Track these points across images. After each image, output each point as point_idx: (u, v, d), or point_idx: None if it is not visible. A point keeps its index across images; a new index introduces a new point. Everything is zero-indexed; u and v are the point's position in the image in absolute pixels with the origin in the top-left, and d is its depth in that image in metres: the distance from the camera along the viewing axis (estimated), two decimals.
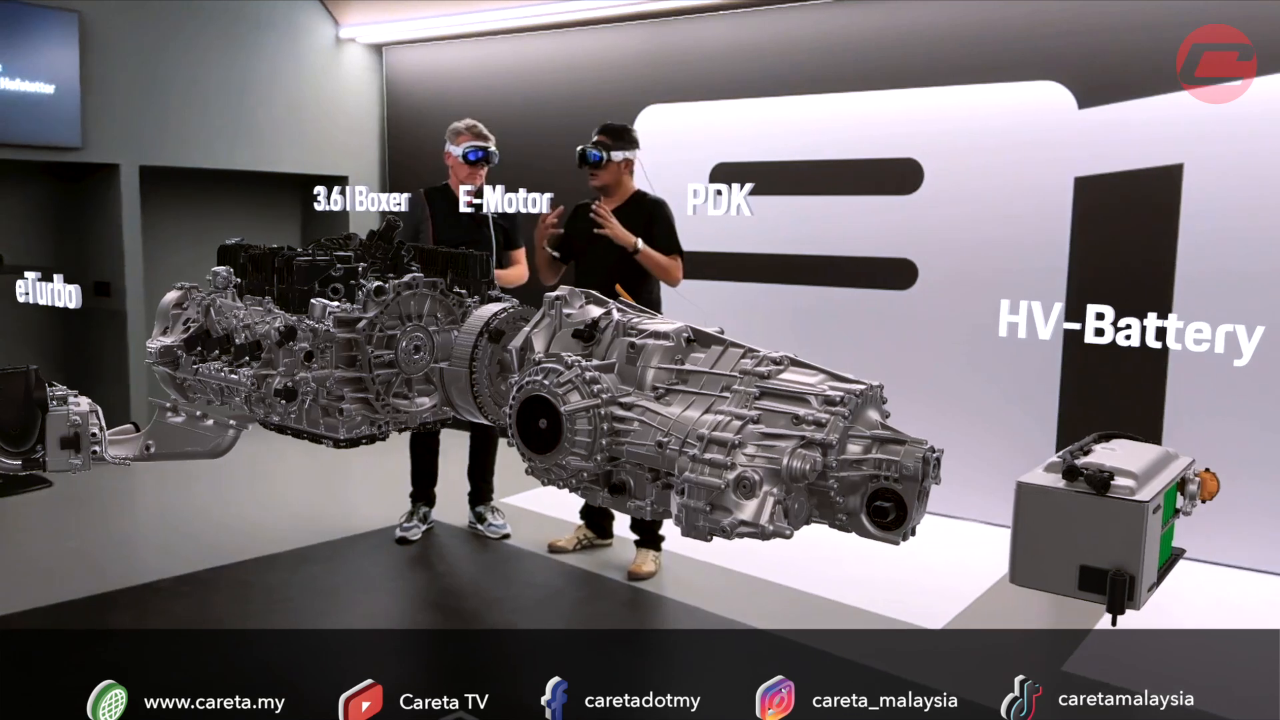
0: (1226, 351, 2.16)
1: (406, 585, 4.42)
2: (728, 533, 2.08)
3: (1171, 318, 4.40)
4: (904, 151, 5.34)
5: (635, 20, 6.23)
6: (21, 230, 6.13)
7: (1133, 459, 1.83)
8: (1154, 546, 1.76)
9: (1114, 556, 1.72)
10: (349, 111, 7.33)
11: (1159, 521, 1.77)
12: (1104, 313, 2.12)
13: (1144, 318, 2.65)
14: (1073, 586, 1.76)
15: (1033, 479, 1.81)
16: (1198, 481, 1.96)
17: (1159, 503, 1.76)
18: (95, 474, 5.61)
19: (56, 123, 5.70)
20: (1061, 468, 1.77)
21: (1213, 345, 2.18)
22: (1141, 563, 1.70)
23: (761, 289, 5.81)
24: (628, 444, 2.23)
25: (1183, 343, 2.18)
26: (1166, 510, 1.87)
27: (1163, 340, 2.16)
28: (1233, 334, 2.16)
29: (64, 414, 2.30)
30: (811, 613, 4.02)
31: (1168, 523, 1.88)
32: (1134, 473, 1.75)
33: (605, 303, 2.56)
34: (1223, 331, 2.18)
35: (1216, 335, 2.19)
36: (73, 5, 5.73)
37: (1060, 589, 1.79)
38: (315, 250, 3.02)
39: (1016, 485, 1.81)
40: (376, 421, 2.86)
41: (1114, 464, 1.77)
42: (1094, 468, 1.75)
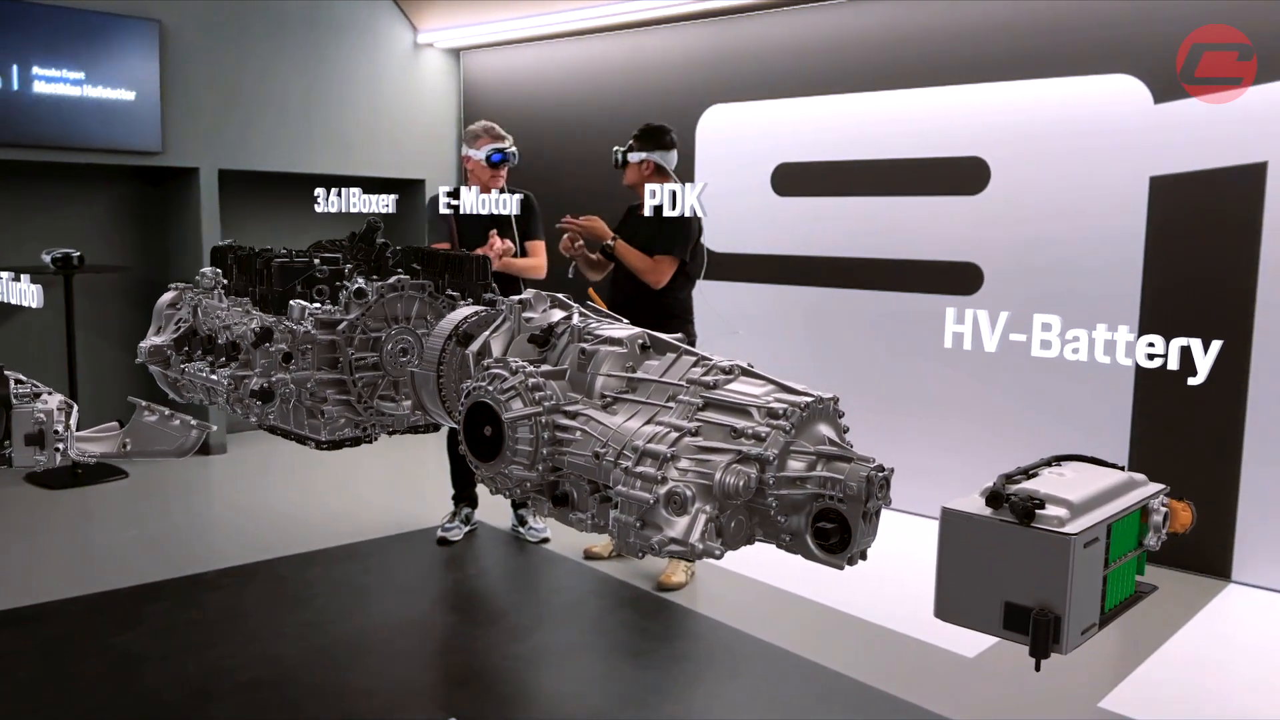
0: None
1: (433, 586, 4.43)
2: (656, 550, 1.97)
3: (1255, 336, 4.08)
4: (970, 150, 5.10)
5: (700, 19, 6.13)
6: (104, 232, 6.41)
7: (1076, 486, 1.64)
8: (1089, 584, 1.58)
9: (1039, 594, 1.54)
10: (426, 115, 7.44)
11: (1095, 556, 1.58)
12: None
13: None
14: (998, 625, 1.59)
15: (958, 504, 1.65)
16: (1164, 512, 1.76)
17: (1096, 535, 1.57)
18: (169, 467, 5.88)
19: (138, 128, 5.94)
20: (989, 493, 1.60)
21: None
22: (1067, 602, 1.52)
23: (819, 293, 5.63)
24: (568, 454, 2.14)
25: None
26: (1121, 544, 1.68)
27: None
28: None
29: (29, 411, 2.36)
30: (842, 634, 3.86)
31: (1122, 557, 1.69)
32: (1068, 501, 1.57)
33: (569, 307, 2.47)
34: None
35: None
36: (153, 14, 5.96)
37: (984, 627, 1.61)
38: (311, 252, 3.03)
39: (941, 511, 1.65)
40: (361, 424, 2.84)
41: (1049, 491, 1.59)
42: (1023, 494, 1.57)
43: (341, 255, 2.96)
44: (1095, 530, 1.58)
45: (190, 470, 6.09)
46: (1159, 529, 1.75)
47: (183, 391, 3.15)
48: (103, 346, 6.32)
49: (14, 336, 6.03)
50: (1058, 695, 3.40)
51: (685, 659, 3.70)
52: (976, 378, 4.98)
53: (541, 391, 2.18)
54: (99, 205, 6.41)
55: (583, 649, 3.82)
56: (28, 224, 6.02)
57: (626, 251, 4.20)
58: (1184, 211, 4.48)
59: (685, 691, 3.44)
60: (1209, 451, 4.48)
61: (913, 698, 3.35)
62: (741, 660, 3.69)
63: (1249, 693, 3.49)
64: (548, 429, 2.17)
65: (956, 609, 1.65)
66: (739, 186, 5.95)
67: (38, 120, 5.56)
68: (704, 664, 3.69)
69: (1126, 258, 4.60)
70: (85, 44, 5.68)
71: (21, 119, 5.50)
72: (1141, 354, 1.83)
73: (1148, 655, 3.71)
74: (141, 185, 6.56)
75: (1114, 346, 2.31)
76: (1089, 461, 1.82)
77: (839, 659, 3.61)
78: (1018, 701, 3.37)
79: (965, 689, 3.44)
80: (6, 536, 4.91)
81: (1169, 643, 3.82)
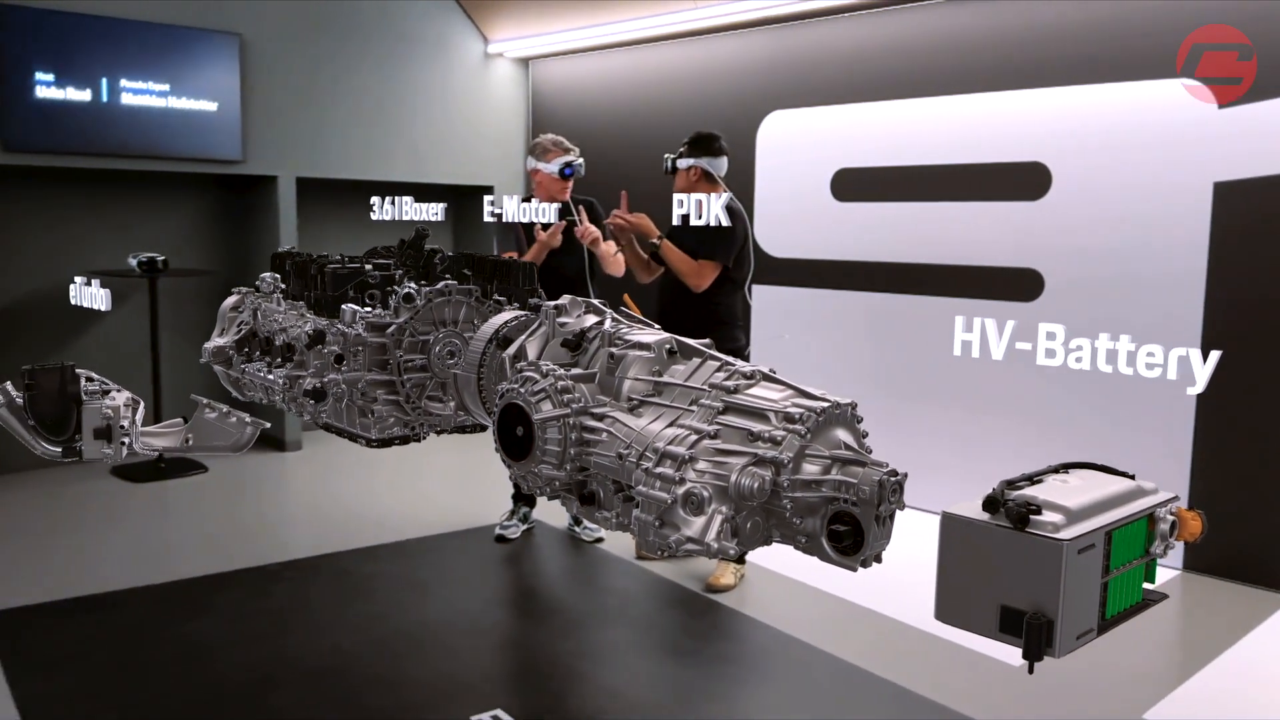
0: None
1: (489, 582, 4.55)
2: (673, 549, 2.04)
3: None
4: (1031, 155, 5.05)
5: (760, 26, 6.17)
6: (187, 237, 6.70)
7: (1077, 493, 1.66)
8: (1084, 590, 1.60)
9: (1032, 598, 1.57)
10: (495, 123, 7.61)
11: (1092, 563, 1.60)
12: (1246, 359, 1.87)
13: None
14: (994, 628, 1.62)
15: (957, 508, 1.68)
16: (1171, 521, 1.76)
17: (1092, 542, 1.59)
18: (246, 463, 6.13)
19: (220, 138, 6.21)
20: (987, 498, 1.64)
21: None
22: (1059, 607, 1.55)
23: (879, 298, 5.63)
24: (595, 454, 2.22)
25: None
26: (1124, 551, 1.69)
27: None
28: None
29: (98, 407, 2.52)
30: (891, 641, 3.87)
31: (1125, 565, 1.70)
32: (1065, 507, 1.59)
33: (602, 312, 2.56)
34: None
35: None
36: (234, 28, 6.23)
37: (982, 629, 1.65)
38: (367, 258, 3.17)
39: (941, 515, 1.68)
40: (409, 423, 2.97)
41: (1047, 497, 1.62)
42: (1020, 500, 1.61)
43: (392, 261, 3.09)
44: (1091, 537, 1.60)
45: (265, 466, 6.34)
46: (1166, 537, 1.76)
47: (244, 390, 3.32)
48: (184, 347, 6.59)
49: (103, 337, 6.34)
50: (1105, 704, 3.38)
51: (729, 659, 3.76)
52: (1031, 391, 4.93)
53: (570, 394, 2.27)
54: (183, 212, 6.70)
55: (630, 646, 3.89)
56: (116, 229, 6.33)
57: (671, 252, 4.26)
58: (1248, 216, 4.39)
59: (727, 690, 3.49)
60: (1272, 461, 4.37)
61: (958, 706, 3.36)
62: (785, 662, 3.73)
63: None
64: (575, 430, 2.25)
65: (955, 612, 1.69)
66: (799, 192, 5.98)
67: (126, 131, 5.85)
68: (747, 665, 3.74)
69: (1190, 261, 4.52)
70: (170, 58, 5.96)
71: (111, 130, 5.80)
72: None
73: (1200, 668, 3.65)
74: (223, 193, 6.84)
75: (1175, 361, 2.31)
76: (1098, 469, 1.83)
77: (886, 665, 3.63)
78: (1064, 710, 3.36)
79: (1012, 698, 3.42)
80: (91, 526, 5.19)
81: (1223, 656, 3.75)
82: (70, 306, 6.07)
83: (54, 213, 6.16)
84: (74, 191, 6.20)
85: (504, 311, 2.81)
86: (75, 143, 5.70)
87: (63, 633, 3.82)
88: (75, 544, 4.90)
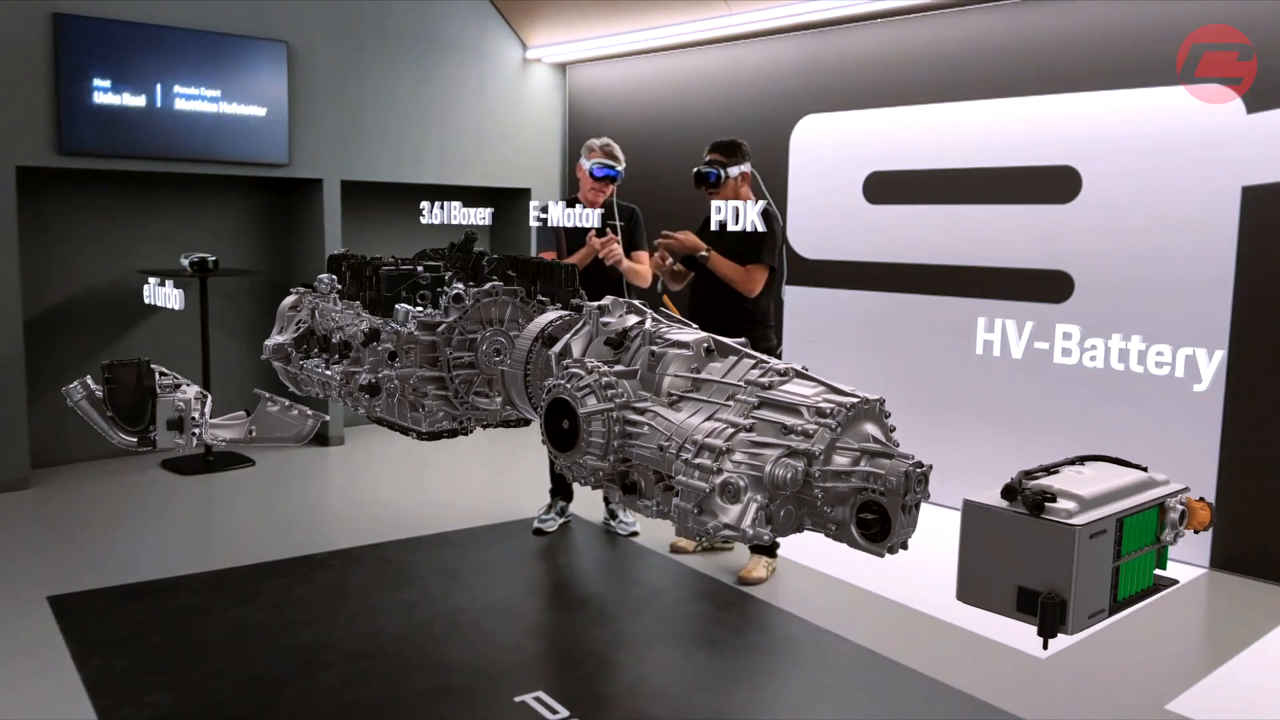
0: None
1: (526, 572, 4.69)
2: (711, 535, 2.17)
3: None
4: (1062, 159, 5.13)
5: (794, 32, 6.28)
6: (237, 238, 6.91)
7: (1091, 483, 1.77)
8: (1096, 572, 1.71)
9: (1047, 579, 1.68)
10: (533, 127, 7.77)
11: (1104, 547, 1.71)
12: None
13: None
14: (1011, 607, 1.73)
15: (979, 497, 1.79)
16: (1180, 510, 1.86)
17: (1104, 528, 1.70)
18: (291, 457, 6.33)
19: (268, 142, 6.40)
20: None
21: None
22: (1072, 587, 1.66)
23: (911, 300, 5.72)
24: (636, 446, 2.36)
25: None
26: (1135, 538, 1.80)
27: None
28: None
29: (170, 400, 2.68)
30: (918, 632, 3.97)
31: (1136, 551, 1.81)
32: (1079, 496, 1.70)
33: (643, 312, 2.69)
34: None
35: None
36: (282, 35, 6.42)
37: (1000, 609, 1.75)
38: (415, 261, 3.32)
39: (963, 503, 1.80)
40: (457, 417, 3.11)
41: (1063, 486, 1.73)
42: (1036, 489, 1.72)
43: (442, 263, 3.23)
44: (1103, 523, 1.71)
45: (309, 460, 6.52)
46: (1176, 526, 1.86)
47: (301, 385, 3.48)
48: (232, 344, 6.82)
49: (154, 333, 6.56)
50: (1126, 695, 3.46)
51: (757, 649, 3.87)
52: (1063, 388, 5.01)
53: (614, 389, 2.40)
54: (232, 213, 6.91)
55: (661, 635, 4.02)
56: (168, 230, 6.55)
57: (720, 262, 4.37)
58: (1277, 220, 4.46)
59: (754, 679, 3.61)
60: None
61: (981, 694, 3.46)
62: (814, 652, 3.84)
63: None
64: (618, 423, 2.39)
65: (976, 593, 1.80)
66: (832, 195, 6.08)
67: (178, 135, 6.06)
68: (776, 654, 3.85)
69: (1218, 264, 4.58)
70: (221, 65, 6.16)
71: (164, 134, 6.01)
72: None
73: (1223, 662, 3.73)
74: (270, 195, 7.05)
75: (1204, 362, 2.40)
76: (1112, 462, 1.94)
77: (912, 656, 3.73)
78: (1085, 699, 3.45)
79: (1035, 687, 3.52)
80: (143, 516, 5.39)
81: (1247, 650, 3.83)
82: (125, 303, 6.37)
83: (109, 214, 6.38)
84: (128, 194, 6.42)
85: (548, 311, 2.95)
86: (130, 147, 5.91)
87: (121, 615, 4.00)
88: (129, 533, 5.10)
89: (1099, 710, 3.39)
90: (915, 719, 3.39)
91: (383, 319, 3.09)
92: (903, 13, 5.72)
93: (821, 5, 5.84)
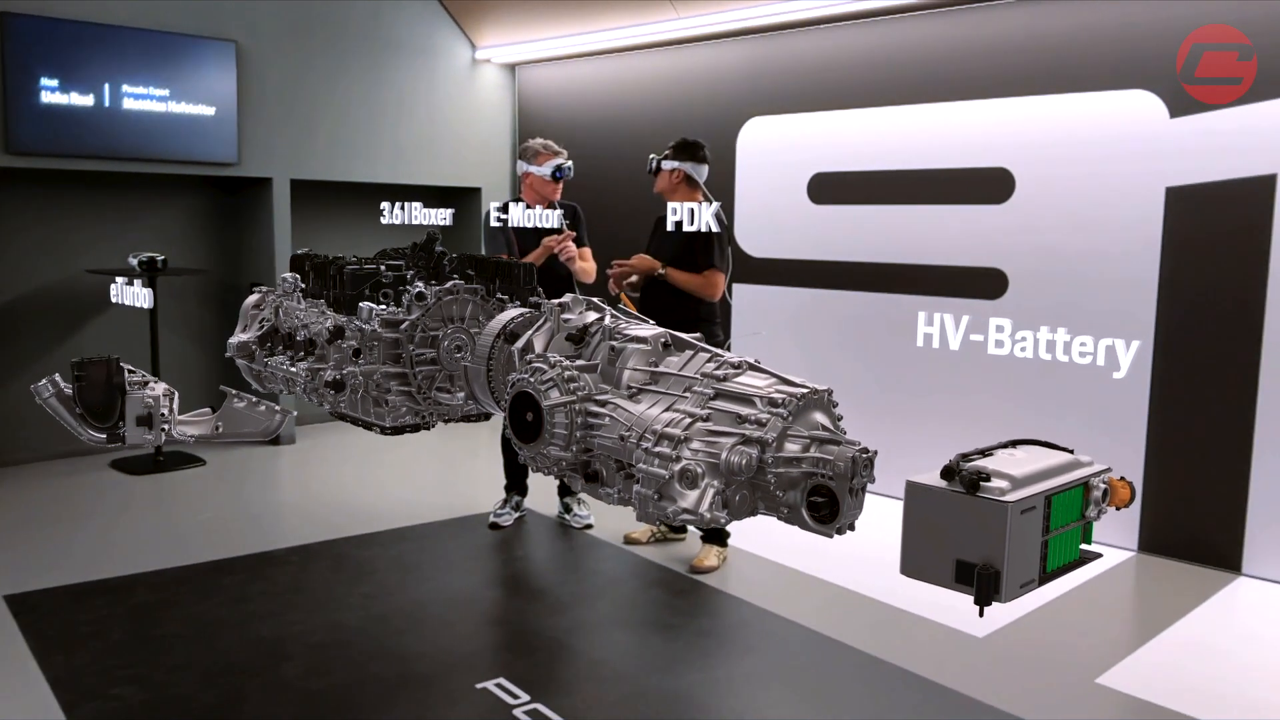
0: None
1: (483, 565, 4.79)
2: (670, 519, 2.30)
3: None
4: (996, 161, 5.35)
5: (739, 36, 6.44)
6: (186, 237, 6.90)
7: (1022, 464, 1.93)
8: (1027, 545, 1.86)
9: (982, 552, 1.83)
10: (483, 127, 7.84)
11: (1034, 522, 1.86)
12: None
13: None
14: (950, 579, 1.89)
15: (920, 478, 1.94)
16: (1103, 489, 2.03)
17: (1034, 504, 1.86)
18: (243, 456, 6.34)
19: (216, 141, 6.41)
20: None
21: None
22: (1005, 559, 1.81)
23: (855, 296, 5.91)
24: (598, 437, 2.48)
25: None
26: (1063, 514, 1.96)
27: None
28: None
29: (140, 396, 2.74)
30: (862, 614, 4.14)
31: (1064, 526, 1.97)
32: (1011, 475, 1.86)
33: (602, 309, 2.81)
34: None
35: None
36: (230, 35, 6.43)
37: (940, 581, 1.91)
38: (377, 260, 3.40)
39: (906, 483, 1.95)
40: (420, 412, 3.20)
41: (996, 467, 1.88)
42: (972, 470, 1.87)
43: (404, 262, 3.32)
44: (1033, 500, 1.87)
45: (262, 459, 6.54)
46: (1099, 503, 2.03)
47: (265, 382, 3.54)
48: (181, 343, 6.80)
49: (103, 333, 6.53)
50: (1058, 671, 3.66)
51: (710, 634, 4.02)
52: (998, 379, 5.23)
53: (576, 383, 2.52)
54: (181, 212, 6.90)
55: (617, 622, 4.15)
56: (117, 230, 6.52)
57: (677, 275, 4.50)
58: (1198, 220, 4.70)
59: (707, 661, 3.75)
60: (1221, 449, 4.68)
61: (921, 670, 3.63)
62: (763, 635, 3.99)
63: (1245, 674, 3.70)
64: (581, 415, 2.51)
65: (917, 567, 1.96)
66: (776, 195, 6.26)
67: (127, 134, 6.04)
68: (728, 638, 4.00)
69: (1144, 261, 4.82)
70: (169, 64, 6.15)
71: (112, 133, 5.99)
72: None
73: (1150, 638, 3.95)
74: (219, 194, 7.04)
75: (1122, 352, 2.57)
76: (1042, 445, 2.10)
77: (857, 637, 3.90)
78: (1019, 674, 3.64)
79: (971, 664, 3.70)
80: (97, 515, 5.38)
81: (1172, 627, 4.05)
82: (74, 303, 6.33)
83: (58, 214, 6.35)
84: (77, 193, 6.39)
85: (508, 309, 3.06)
86: (79, 146, 5.89)
87: (81, 612, 4.03)
88: (84, 532, 5.09)
89: (1032, 684, 3.58)
90: (858, 695, 3.56)
91: (347, 317, 3.18)
92: (845, 19, 5.90)
93: (765, 10, 6.01)
